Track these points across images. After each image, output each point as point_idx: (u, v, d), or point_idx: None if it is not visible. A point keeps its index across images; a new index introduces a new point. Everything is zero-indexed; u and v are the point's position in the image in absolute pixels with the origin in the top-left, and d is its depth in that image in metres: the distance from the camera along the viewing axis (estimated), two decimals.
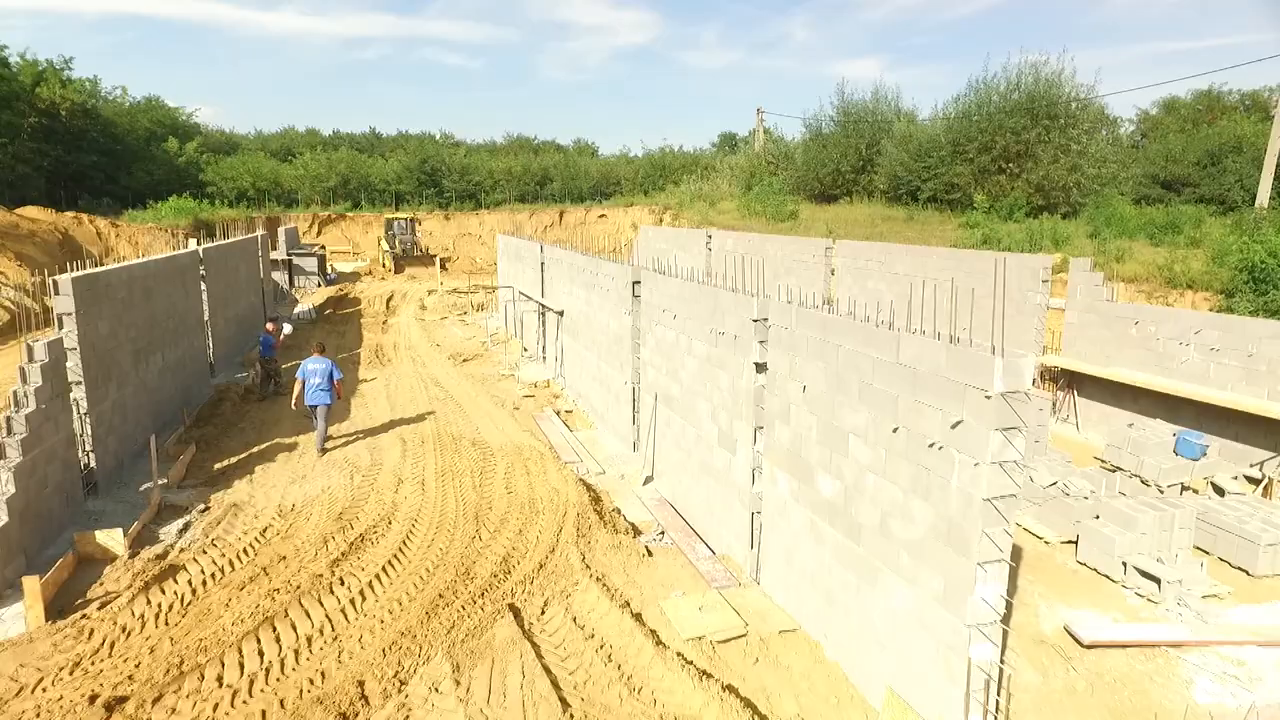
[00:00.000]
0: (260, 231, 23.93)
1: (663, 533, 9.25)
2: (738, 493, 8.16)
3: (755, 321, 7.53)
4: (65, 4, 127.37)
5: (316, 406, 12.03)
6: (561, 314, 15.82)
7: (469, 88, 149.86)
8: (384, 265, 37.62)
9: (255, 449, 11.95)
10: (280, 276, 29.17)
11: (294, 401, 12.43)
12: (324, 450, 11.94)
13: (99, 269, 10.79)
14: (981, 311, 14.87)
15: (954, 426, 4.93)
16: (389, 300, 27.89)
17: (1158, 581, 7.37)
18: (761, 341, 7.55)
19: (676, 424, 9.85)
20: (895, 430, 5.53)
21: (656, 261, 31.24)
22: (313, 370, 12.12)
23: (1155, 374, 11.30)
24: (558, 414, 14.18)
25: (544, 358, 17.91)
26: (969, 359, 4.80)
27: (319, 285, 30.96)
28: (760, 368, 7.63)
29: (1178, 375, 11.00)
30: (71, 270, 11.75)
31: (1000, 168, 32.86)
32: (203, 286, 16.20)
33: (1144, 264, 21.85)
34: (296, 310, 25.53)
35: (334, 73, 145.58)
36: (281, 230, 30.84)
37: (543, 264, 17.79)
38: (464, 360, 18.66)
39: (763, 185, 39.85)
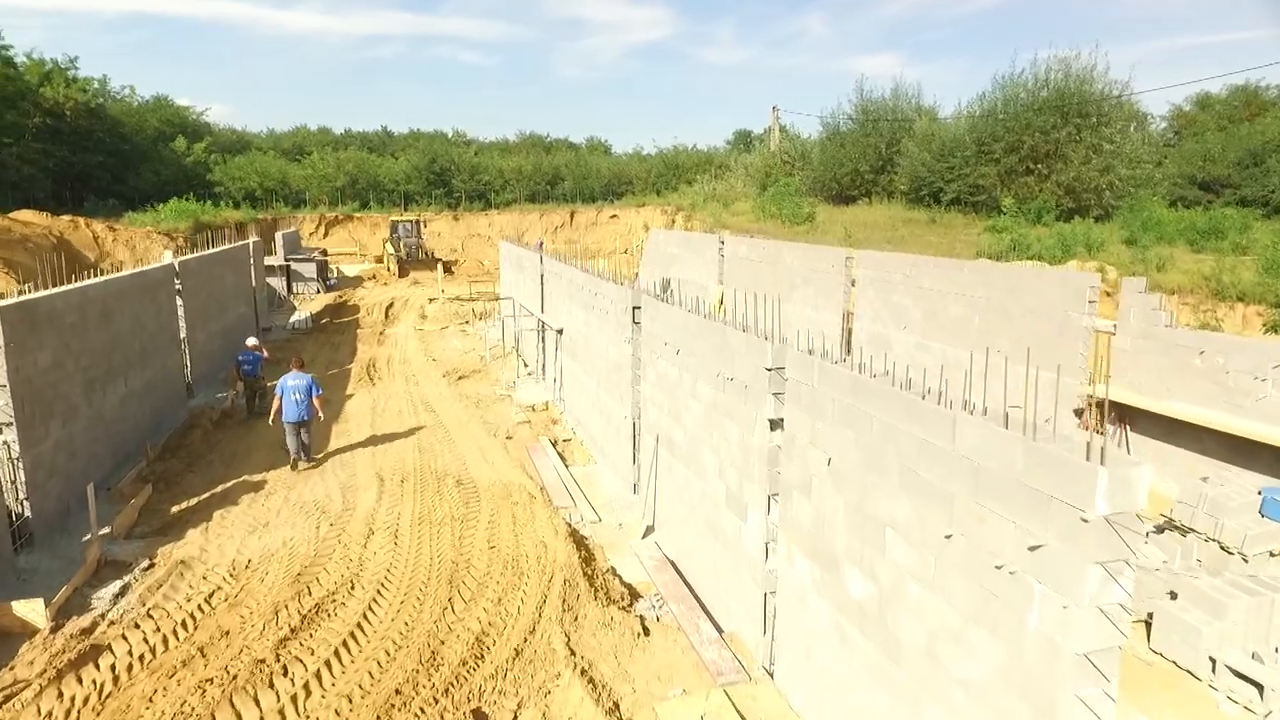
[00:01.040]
0: (253, 238, 22.97)
1: (662, 601, 8.08)
2: (748, 565, 6.97)
3: (770, 371, 6.34)
4: (83, 4, 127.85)
5: (296, 423, 11.64)
6: (560, 332, 14.67)
7: (484, 86, 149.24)
8: (388, 269, 36.65)
9: (219, 488, 10.89)
10: (278, 282, 28.24)
11: (272, 417, 11.94)
12: (309, 463, 11.73)
13: (40, 294, 9.76)
14: (1020, 332, 13.57)
15: (1033, 549, 3.72)
16: (389, 308, 26.86)
17: (1258, 686, 6.12)
18: (777, 394, 6.36)
19: (680, 473, 8.67)
20: (949, 536, 4.32)
21: (666, 268, 30.03)
22: (293, 386, 11.74)
23: (1225, 411, 9.99)
24: (554, 444, 13.04)
25: (543, 376, 16.78)
26: (1057, 465, 3.58)
27: (318, 291, 30.01)
28: (776, 424, 6.44)
29: (1253, 415, 9.68)
30: (63, 278, 10.83)
31: (1028, 168, 31.36)
32: (179, 301, 15.19)
33: (1188, 273, 20.36)
34: (293, 319, 24.59)
35: (349, 71, 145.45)
36: (279, 235, 29.92)
37: (542, 276, 16.65)
38: (460, 378, 17.56)
39: (778, 186, 38.49)
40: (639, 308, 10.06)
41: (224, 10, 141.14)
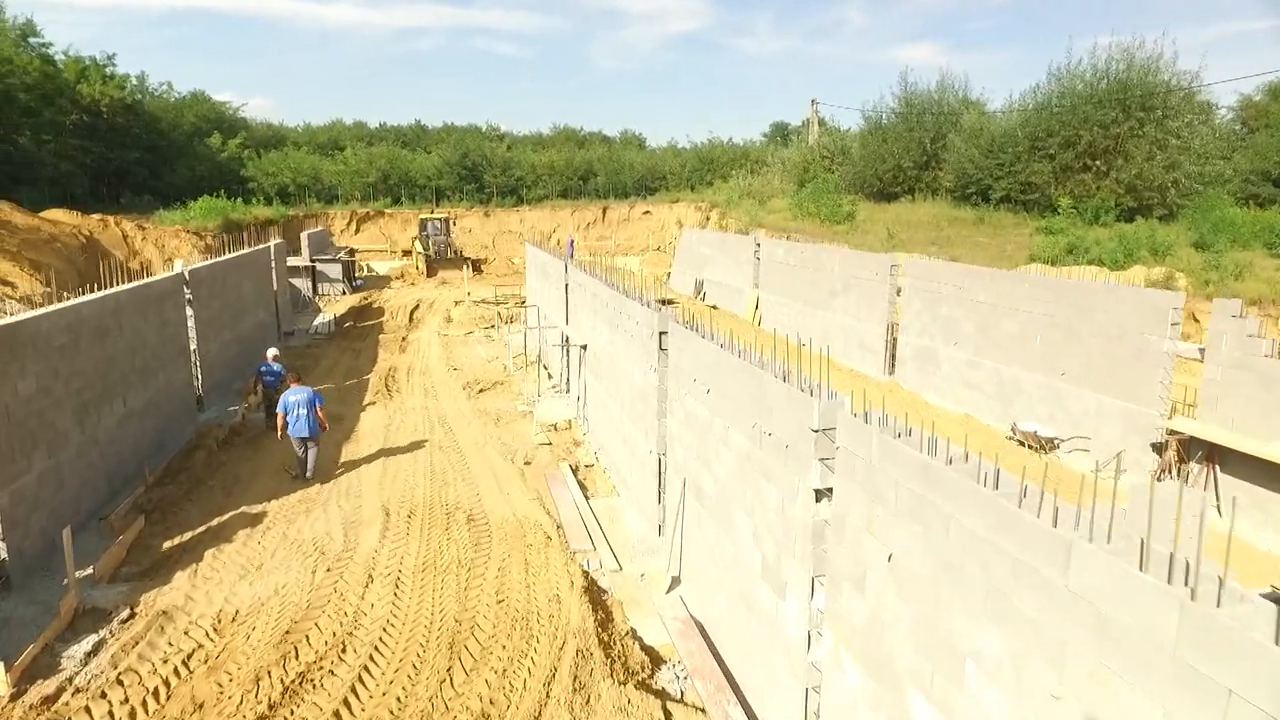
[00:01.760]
0: (274, 240, 22.46)
1: (686, 673, 7.14)
2: (786, 652, 5.99)
3: (816, 432, 5.33)
4: (133, 1, 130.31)
5: (304, 439, 11.50)
6: (584, 348, 13.77)
7: (520, 78, 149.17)
8: (417, 268, 36.16)
9: (215, 520, 10.19)
10: (303, 283, 27.82)
11: (280, 433, 11.68)
12: (310, 479, 11.47)
13: (23, 315, 9.15)
14: (1089, 354, 12.33)
15: None
16: (413, 311, 26.24)
17: None
18: (824, 460, 5.35)
19: (709, 528, 7.70)
20: (1057, 697, 3.29)
21: (700, 269, 28.97)
22: (295, 402, 11.50)
23: None
24: (575, 470, 12.17)
25: (567, 390, 15.91)
26: (1239, 648, 2.54)
27: (343, 293, 29.54)
28: (823, 494, 5.44)
29: None
30: (97, 278, 10.26)
31: (1085, 165, 29.59)
32: (189, 312, 14.61)
33: (1270, 282, 18.74)
34: (316, 322, 24.09)
35: (387, 64, 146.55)
36: (304, 235, 29.46)
37: (566, 286, 15.75)
38: (480, 390, 16.78)
39: (817, 183, 37.10)
40: (665, 333, 9.08)
41: (267, 5, 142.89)
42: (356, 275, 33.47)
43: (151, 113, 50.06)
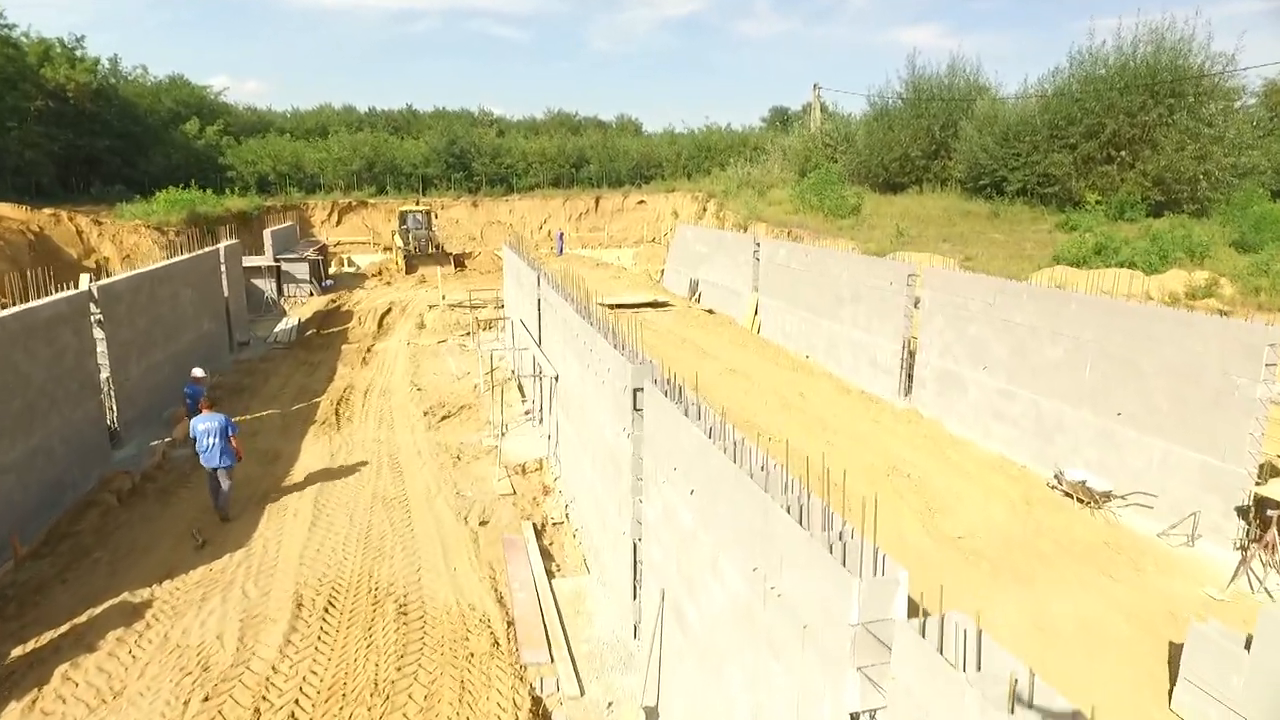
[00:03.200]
0: (225, 242, 20.36)
1: None
2: None
3: (856, 627, 3.37)
4: None
5: (215, 470, 10.37)
6: (556, 379, 11.80)
7: (516, 62, 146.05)
8: (396, 264, 34.07)
9: (87, 614, 8.19)
10: (268, 284, 25.76)
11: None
12: (227, 518, 10.39)
13: None
14: (1152, 393, 10.36)
15: None
16: (384, 316, 24.18)
17: None
18: (866, 669, 3.39)
19: (693, 670, 5.76)
20: None
21: (695, 268, 26.92)
22: (204, 430, 10.31)
23: None
24: (540, 529, 10.24)
25: (540, 419, 13.95)
26: None
27: (311, 294, 27.45)
28: (863, 714, 3.49)
29: None
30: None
31: (1109, 156, 27.52)
32: (100, 334, 12.60)
33: None
34: (277, 329, 22.06)
35: (382, 48, 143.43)
36: (267, 233, 27.29)
37: (539, 301, 13.74)
38: (443, 417, 14.79)
39: (819, 173, 34.96)
40: (640, 390, 7.11)
41: None
42: (329, 273, 31.39)
43: (125, 97, 47.55)
